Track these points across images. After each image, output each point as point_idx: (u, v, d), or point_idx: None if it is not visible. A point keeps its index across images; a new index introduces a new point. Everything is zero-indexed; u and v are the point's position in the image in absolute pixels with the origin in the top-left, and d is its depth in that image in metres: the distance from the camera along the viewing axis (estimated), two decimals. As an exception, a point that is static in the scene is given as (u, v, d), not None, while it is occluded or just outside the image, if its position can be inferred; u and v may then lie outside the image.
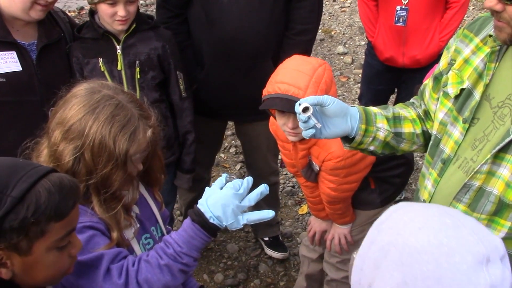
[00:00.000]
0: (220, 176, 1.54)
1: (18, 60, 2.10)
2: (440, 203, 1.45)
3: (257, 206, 3.29)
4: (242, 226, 1.46)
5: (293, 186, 3.92)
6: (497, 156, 1.32)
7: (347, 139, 1.57)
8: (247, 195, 1.49)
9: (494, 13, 1.30)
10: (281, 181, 3.90)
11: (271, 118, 2.27)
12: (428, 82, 1.64)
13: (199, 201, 1.45)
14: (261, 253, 3.33)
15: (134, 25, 2.37)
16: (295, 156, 2.25)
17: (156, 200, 1.71)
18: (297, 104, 1.43)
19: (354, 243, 2.47)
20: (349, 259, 2.51)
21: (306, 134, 1.46)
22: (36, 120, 2.08)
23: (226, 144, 4.37)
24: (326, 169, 2.16)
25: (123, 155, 1.40)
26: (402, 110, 1.66)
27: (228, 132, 4.36)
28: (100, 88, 1.45)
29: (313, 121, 1.43)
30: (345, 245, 2.45)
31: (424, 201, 1.52)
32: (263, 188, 1.48)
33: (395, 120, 1.60)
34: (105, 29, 2.35)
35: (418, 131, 1.63)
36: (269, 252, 3.28)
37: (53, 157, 1.42)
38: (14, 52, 2.10)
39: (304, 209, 3.68)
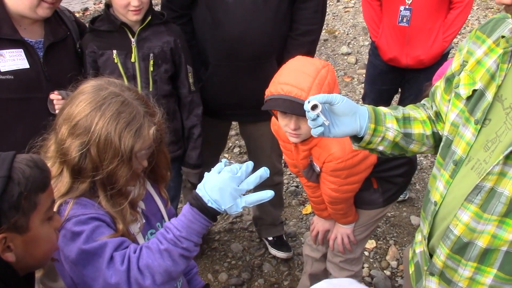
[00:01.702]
0: None
1: (25, 58, 2.13)
2: (452, 204, 1.46)
3: (261, 206, 3.31)
4: (241, 210, 1.43)
5: (297, 186, 3.93)
6: (509, 157, 1.32)
7: (356, 138, 1.57)
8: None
9: (507, 8, 1.28)
10: (285, 181, 3.92)
11: (273, 118, 2.28)
12: (439, 83, 1.63)
13: (198, 185, 1.44)
14: (265, 253, 3.34)
15: (150, 17, 2.43)
16: (296, 157, 2.25)
17: (162, 197, 1.72)
18: (306, 102, 1.42)
19: (357, 243, 2.49)
20: (353, 258, 2.54)
21: (315, 132, 1.45)
22: (43, 116, 2.11)
23: (230, 144, 4.38)
24: (327, 171, 2.16)
25: (128, 152, 1.41)
26: (412, 111, 1.65)
27: (232, 132, 4.38)
28: (107, 85, 1.47)
29: (321, 118, 1.42)
30: (348, 245, 2.46)
31: (435, 202, 1.52)
32: (262, 171, 1.43)
33: (405, 120, 1.59)
34: (122, 20, 2.40)
35: (428, 132, 1.62)
36: (273, 251, 3.29)
37: (60, 153, 1.45)
38: (22, 50, 2.13)
39: (308, 209, 3.69)
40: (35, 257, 1.21)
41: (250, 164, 1.45)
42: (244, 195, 1.43)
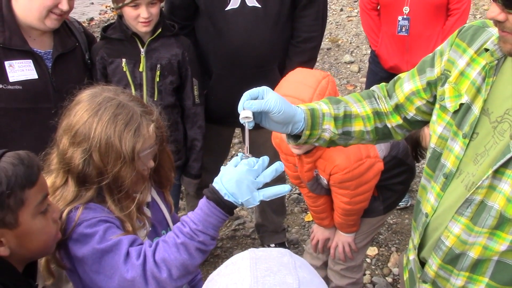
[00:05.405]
0: None
1: (34, 68, 2.17)
2: (443, 216, 1.47)
3: (263, 213, 3.31)
4: (258, 203, 1.41)
5: (299, 194, 3.94)
6: (498, 171, 1.32)
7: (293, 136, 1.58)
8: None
9: (497, 23, 1.27)
10: (288, 189, 3.92)
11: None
12: (411, 78, 1.59)
13: (215, 179, 1.43)
14: (267, 260, 3.35)
15: (160, 30, 2.48)
16: (300, 170, 2.24)
17: (167, 203, 1.74)
18: (241, 107, 1.45)
19: (357, 250, 2.50)
20: (354, 266, 2.54)
21: (242, 121, 1.47)
22: (51, 126, 2.15)
23: (233, 152, 4.41)
24: (335, 183, 2.15)
25: (130, 152, 1.43)
26: (355, 105, 1.61)
27: (235, 140, 4.40)
28: (101, 92, 1.50)
29: (251, 124, 1.46)
30: (349, 253, 2.47)
31: (426, 214, 1.52)
32: (278, 165, 1.42)
33: (345, 119, 1.57)
34: (133, 30, 2.46)
35: (369, 128, 1.60)
36: (276, 258, 3.29)
37: (63, 163, 1.47)
38: (31, 60, 2.17)
39: (310, 216, 3.70)
40: (30, 249, 1.24)
41: (266, 158, 1.44)
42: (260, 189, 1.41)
